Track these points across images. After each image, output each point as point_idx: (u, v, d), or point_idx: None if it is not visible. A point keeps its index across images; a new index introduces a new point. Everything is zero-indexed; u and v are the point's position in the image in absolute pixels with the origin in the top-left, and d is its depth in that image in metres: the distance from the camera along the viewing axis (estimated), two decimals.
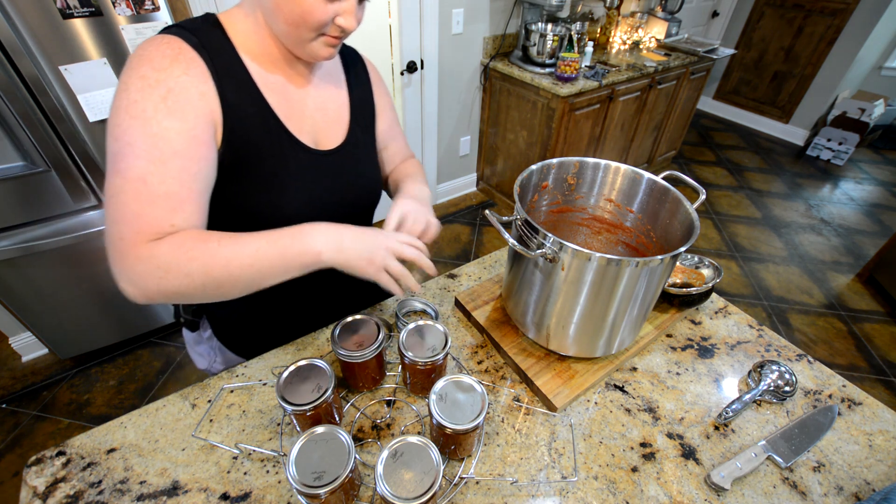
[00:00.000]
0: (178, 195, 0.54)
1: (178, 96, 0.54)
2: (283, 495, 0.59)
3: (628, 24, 2.88)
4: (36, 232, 1.44)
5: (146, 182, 0.52)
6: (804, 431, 0.69)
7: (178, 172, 0.53)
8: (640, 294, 0.65)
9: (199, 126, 0.55)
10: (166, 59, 0.54)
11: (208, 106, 0.57)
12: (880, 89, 3.82)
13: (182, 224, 0.54)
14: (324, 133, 0.73)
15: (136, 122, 0.52)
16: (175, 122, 0.53)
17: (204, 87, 0.57)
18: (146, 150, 0.52)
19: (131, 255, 0.51)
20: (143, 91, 0.53)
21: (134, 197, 0.52)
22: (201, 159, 0.56)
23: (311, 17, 0.56)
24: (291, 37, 0.60)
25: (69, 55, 1.26)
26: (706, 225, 2.90)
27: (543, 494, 0.61)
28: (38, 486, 0.59)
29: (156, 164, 0.52)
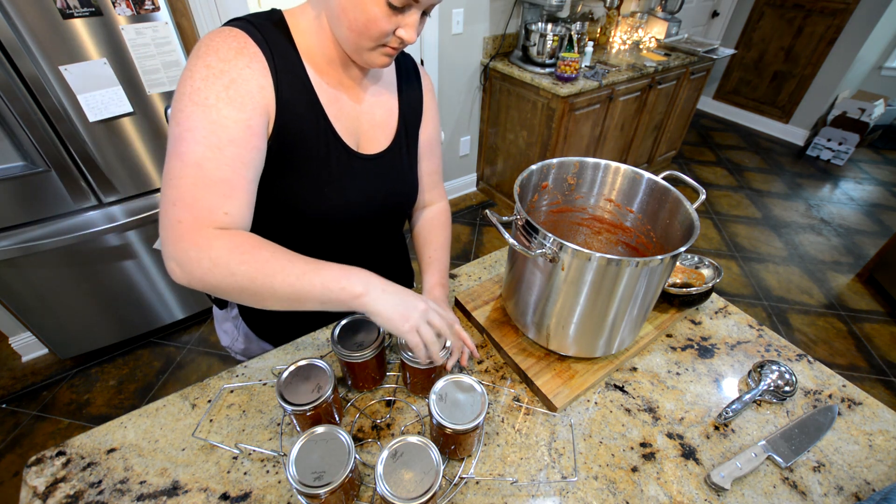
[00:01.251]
0: (231, 182, 0.56)
1: (240, 87, 0.56)
2: (283, 495, 0.59)
3: (628, 24, 2.88)
4: (36, 232, 1.44)
5: (202, 167, 0.54)
6: (804, 431, 0.69)
7: (232, 160, 0.56)
8: (640, 294, 0.65)
9: (255, 117, 0.58)
10: (231, 51, 0.57)
11: (265, 99, 0.59)
12: (880, 89, 3.82)
13: (234, 212, 0.57)
14: (368, 137, 0.74)
15: (197, 109, 0.55)
16: (234, 112, 0.56)
17: (263, 81, 0.59)
18: (205, 136, 0.54)
19: (188, 239, 0.53)
20: (207, 80, 0.55)
21: (192, 181, 0.54)
22: (254, 148, 0.58)
23: (374, 26, 0.57)
24: (352, 43, 0.61)
25: (69, 55, 1.26)
26: (706, 225, 2.90)
27: (543, 494, 0.61)
28: (38, 486, 0.59)
29: (213, 151, 0.55)
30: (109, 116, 1.38)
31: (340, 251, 0.79)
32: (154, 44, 1.36)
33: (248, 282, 0.54)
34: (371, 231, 0.81)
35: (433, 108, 0.85)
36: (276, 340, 0.87)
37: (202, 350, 1.93)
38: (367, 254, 0.84)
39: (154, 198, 1.61)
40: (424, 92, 0.83)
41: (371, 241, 0.84)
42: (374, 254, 0.87)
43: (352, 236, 0.79)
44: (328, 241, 0.76)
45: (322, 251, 0.77)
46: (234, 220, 0.57)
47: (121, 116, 1.41)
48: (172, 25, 1.37)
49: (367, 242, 0.83)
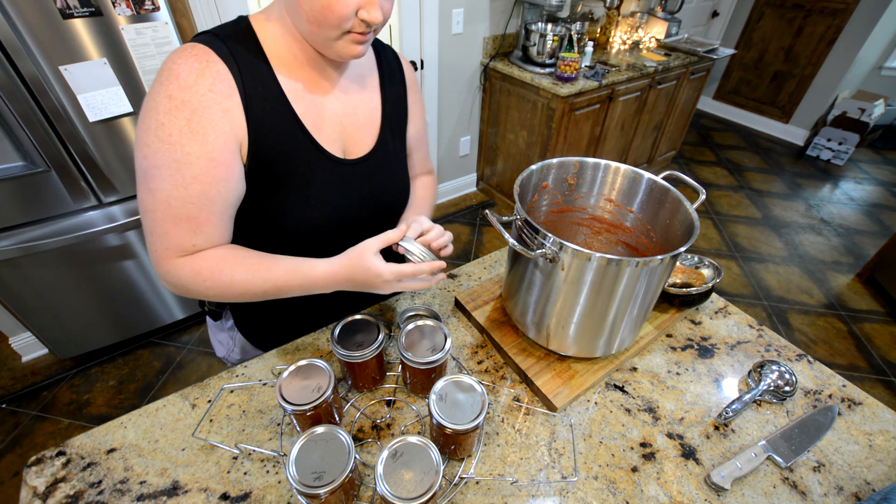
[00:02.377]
0: (198, 219, 0.59)
1: (202, 117, 0.55)
2: (283, 495, 0.59)
3: (628, 24, 2.88)
4: (36, 232, 1.44)
5: (170, 205, 0.57)
6: (804, 431, 0.69)
7: (197, 197, 0.57)
8: (640, 294, 0.65)
9: (217, 147, 0.57)
10: (192, 75, 0.55)
11: (231, 123, 0.58)
12: (880, 89, 3.82)
13: (202, 243, 0.61)
14: (353, 140, 0.72)
15: (163, 147, 0.55)
16: (196, 146, 0.56)
17: (228, 103, 0.57)
18: (170, 175, 0.56)
19: (163, 265, 0.61)
20: (170, 113, 0.54)
21: (161, 216, 0.58)
22: (220, 181, 0.58)
23: (331, 12, 0.54)
24: (316, 36, 0.58)
25: (69, 55, 1.26)
26: (706, 225, 2.90)
27: (543, 494, 0.61)
28: (38, 486, 0.59)
29: (178, 189, 0.56)
30: (109, 116, 1.38)
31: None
32: (154, 44, 1.36)
33: (220, 296, 0.62)
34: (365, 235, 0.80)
35: (418, 100, 0.83)
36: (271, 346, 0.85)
37: (202, 350, 1.93)
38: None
39: None
40: (408, 84, 0.80)
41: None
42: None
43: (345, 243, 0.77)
44: (321, 249, 0.74)
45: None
46: (203, 247, 0.61)
47: (121, 116, 1.41)
48: (172, 25, 1.37)
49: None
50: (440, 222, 2.73)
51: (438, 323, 0.70)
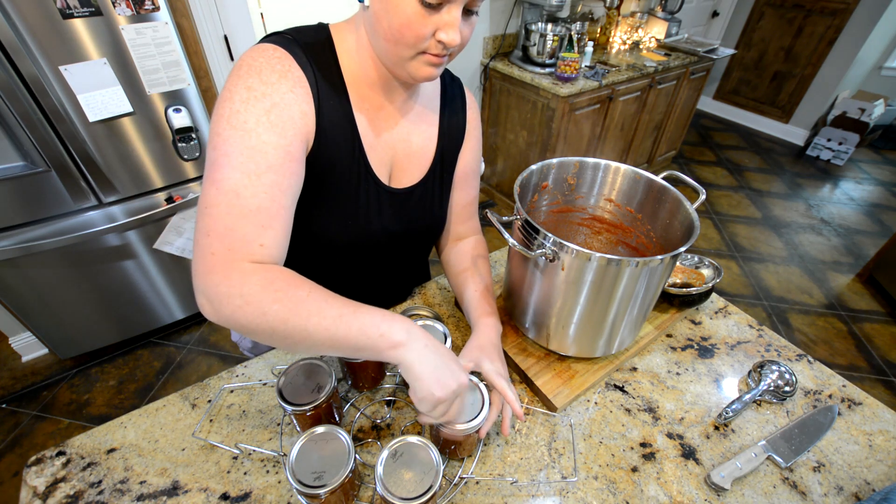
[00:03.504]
0: (269, 210, 0.53)
1: (282, 112, 0.54)
2: (283, 495, 0.59)
3: (628, 24, 2.88)
4: (36, 232, 1.44)
5: (239, 195, 0.51)
6: (804, 431, 0.69)
7: (269, 187, 0.53)
8: (640, 294, 0.65)
9: (295, 143, 0.56)
10: (275, 74, 0.55)
11: (307, 126, 0.57)
12: (880, 89, 3.82)
13: (270, 243, 0.53)
14: (402, 167, 0.72)
15: (236, 133, 0.52)
16: (273, 137, 0.53)
17: (306, 108, 0.57)
18: (242, 163, 0.52)
19: (220, 273, 0.50)
20: (247, 102, 0.53)
21: (227, 210, 0.51)
22: (292, 174, 0.56)
23: (409, 30, 0.52)
24: (391, 55, 0.56)
25: (69, 55, 1.26)
26: (706, 225, 2.90)
27: (543, 494, 0.61)
28: (38, 486, 0.59)
29: (250, 178, 0.52)
30: (109, 116, 1.38)
31: (358, 273, 0.78)
32: (154, 44, 1.36)
33: (280, 323, 0.49)
34: (392, 256, 0.80)
35: (476, 137, 0.80)
36: None
37: (202, 350, 1.93)
38: (385, 275, 0.84)
39: (154, 198, 1.61)
40: (469, 119, 0.78)
41: (392, 265, 0.82)
42: (393, 275, 0.86)
43: (372, 261, 0.77)
44: (347, 264, 0.75)
45: (340, 272, 0.77)
46: (270, 253, 0.53)
47: (121, 116, 1.41)
48: (172, 25, 1.37)
49: (387, 266, 0.81)
50: None
51: (438, 323, 0.70)
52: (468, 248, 0.82)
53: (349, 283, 0.79)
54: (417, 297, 0.92)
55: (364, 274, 0.79)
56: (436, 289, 0.94)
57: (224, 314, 0.50)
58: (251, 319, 0.49)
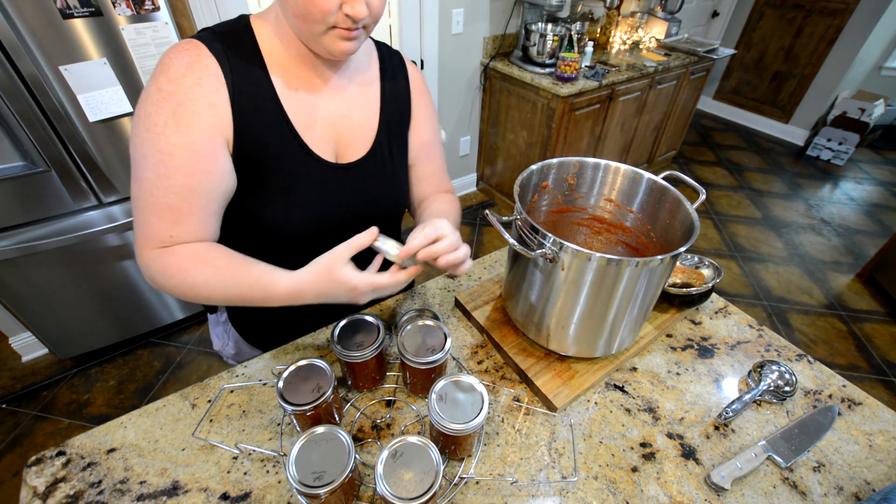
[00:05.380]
0: (179, 209, 0.58)
1: (187, 109, 0.56)
2: (283, 495, 0.59)
3: (628, 24, 2.88)
4: (36, 232, 1.44)
5: (153, 194, 0.58)
6: (804, 431, 0.69)
7: (179, 188, 0.57)
8: (640, 294, 0.65)
9: (201, 139, 0.57)
10: (182, 67, 0.56)
11: (216, 117, 0.58)
12: (880, 89, 3.82)
13: (182, 235, 0.60)
14: (346, 142, 0.71)
15: (148, 136, 0.56)
16: (179, 138, 0.56)
17: (214, 98, 0.58)
18: (154, 165, 0.57)
19: (143, 255, 0.61)
20: (157, 104, 0.56)
21: (144, 206, 0.58)
22: (203, 173, 0.58)
23: (313, 5, 0.53)
24: (304, 32, 0.58)
25: (69, 55, 1.26)
26: (706, 225, 2.90)
27: (543, 494, 0.61)
28: (38, 486, 0.59)
29: (161, 179, 0.57)
30: (109, 116, 1.38)
31: None
32: (154, 44, 1.36)
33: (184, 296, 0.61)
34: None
35: (426, 106, 0.79)
36: (266, 346, 0.85)
37: (202, 350, 1.93)
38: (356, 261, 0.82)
39: None
40: (413, 88, 0.77)
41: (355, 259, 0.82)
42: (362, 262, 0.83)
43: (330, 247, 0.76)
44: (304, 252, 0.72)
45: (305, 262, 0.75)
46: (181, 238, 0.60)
47: (121, 116, 1.41)
48: (172, 25, 1.37)
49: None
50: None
51: (438, 323, 0.70)
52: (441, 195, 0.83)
53: None
54: (417, 297, 0.92)
55: None
56: (436, 289, 0.94)
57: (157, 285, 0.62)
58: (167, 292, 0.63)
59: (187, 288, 0.60)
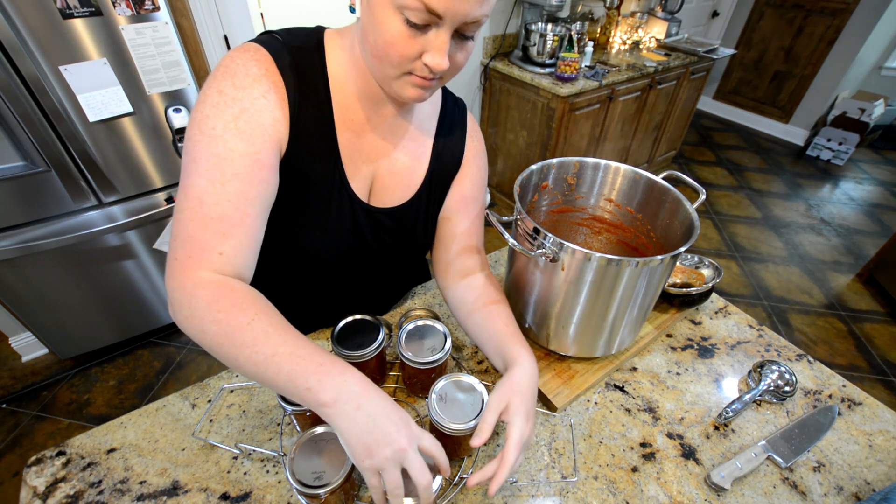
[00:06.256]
0: (231, 219, 0.52)
1: (251, 118, 0.53)
2: (283, 495, 0.59)
3: (628, 24, 2.88)
4: (36, 232, 1.44)
5: (202, 202, 0.51)
6: (804, 431, 0.69)
7: (234, 195, 0.52)
8: (640, 294, 0.65)
9: (265, 150, 0.54)
10: (249, 77, 0.53)
11: (278, 133, 0.56)
12: (880, 89, 3.82)
13: (230, 251, 0.52)
14: (382, 185, 0.68)
15: (204, 139, 0.52)
16: (241, 144, 0.52)
17: (278, 114, 0.55)
18: (208, 170, 0.51)
19: (178, 278, 0.51)
20: (217, 107, 0.52)
21: (190, 217, 0.51)
22: (261, 182, 0.54)
23: (393, 49, 0.49)
24: (376, 71, 0.54)
25: (69, 55, 1.26)
26: (706, 225, 2.90)
27: (543, 494, 0.61)
28: (38, 486, 0.59)
29: (214, 185, 0.51)
30: (109, 116, 1.38)
31: (347, 282, 0.77)
32: (154, 44, 1.36)
33: (217, 346, 0.48)
34: (378, 270, 0.78)
35: (478, 167, 0.74)
36: None
37: (202, 350, 1.93)
38: (376, 283, 0.83)
39: (154, 197, 1.61)
40: (468, 147, 0.73)
41: (381, 275, 0.81)
42: (384, 283, 0.84)
43: (358, 272, 0.76)
44: (333, 274, 0.74)
45: (328, 281, 0.76)
46: (231, 262, 0.52)
47: (121, 116, 1.41)
48: (172, 25, 1.37)
49: (376, 276, 0.80)
50: None
51: (438, 323, 0.70)
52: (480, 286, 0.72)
53: (338, 291, 0.79)
54: (417, 296, 0.92)
55: (353, 283, 0.78)
56: (436, 289, 0.94)
57: (178, 320, 0.51)
58: (194, 334, 0.49)
59: (230, 331, 0.48)
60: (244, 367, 0.48)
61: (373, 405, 0.47)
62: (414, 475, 0.47)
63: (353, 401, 0.46)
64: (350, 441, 0.46)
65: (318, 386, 0.46)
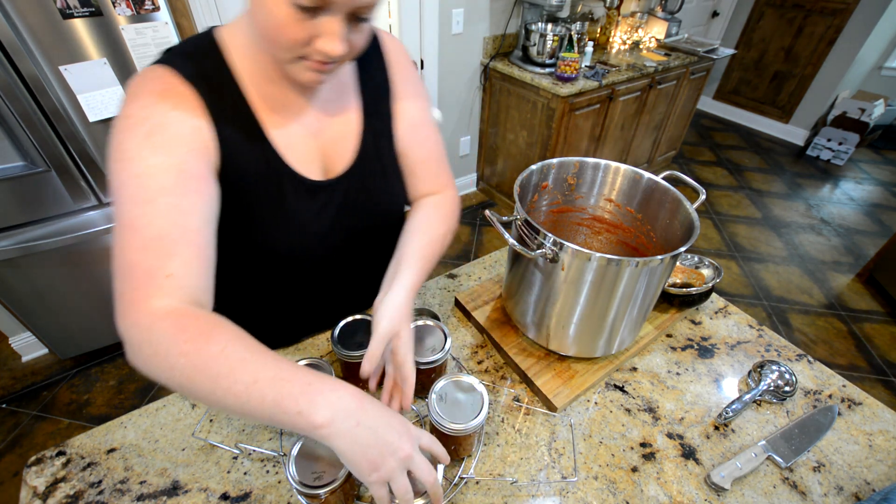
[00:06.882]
0: (170, 235, 0.47)
1: (166, 131, 0.50)
2: (283, 495, 0.59)
3: (628, 24, 2.88)
4: (36, 232, 1.44)
5: (135, 227, 0.47)
6: (804, 431, 0.69)
7: (167, 211, 0.47)
8: (640, 294, 0.65)
9: (190, 160, 0.50)
10: (153, 96, 0.51)
11: (202, 141, 0.53)
12: (880, 89, 3.82)
13: (179, 270, 0.47)
14: (332, 154, 0.65)
15: (120, 166, 0.49)
16: (160, 158, 0.48)
17: (197, 122, 0.52)
18: (132, 194, 0.48)
19: (130, 316, 0.45)
20: (127, 131, 0.49)
21: (127, 245, 0.47)
22: (194, 193, 0.50)
23: (282, 34, 0.47)
24: (271, 55, 0.52)
25: (69, 55, 1.26)
26: (706, 225, 2.90)
27: (543, 494, 0.61)
28: (38, 486, 0.59)
29: (142, 206, 0.47)
30: (109, 116, 1.38)
31: (322, 280, 0.75)
32: (154, 44, 1.36)
33: (187, 381, 0.43)
34: (355, 253, 0.74)
35: (408, 80, 0.69)
36: None
37: None
38: (355, 274, 0.79)
39: None
40: (390, 61, 0.68)
41: (358, 262, 0.77)
42: (363, 272, 0.79)
43: (330, 267, 0.73)
44: (308, 273, 0.71)
45: (299, 284, 0.72)
46: (182, 283, 0.46)
47: None
48: (172, 25, 1.37)
49: (352, 264, 0.76)
50: None
51: (438, 323, 0.70)
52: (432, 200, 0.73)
53: (323, 288, 0.77)
54: (418, 297, 0.92)
55: (335, 274, 0.75)
56: (436, 289, 0.94)
57: (140, 361, 0.45)
58: (161, 373, 0.44)
59: (201, 363, 0.43)
60: (223, 400, 0.43)
61: (371, 418, 0.45)
62: (421, 476, 0.46)
63: (352, 417, 0.43)
64: (354, 459, 0.43)
65: (309, 407, 0.42)
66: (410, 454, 0.45)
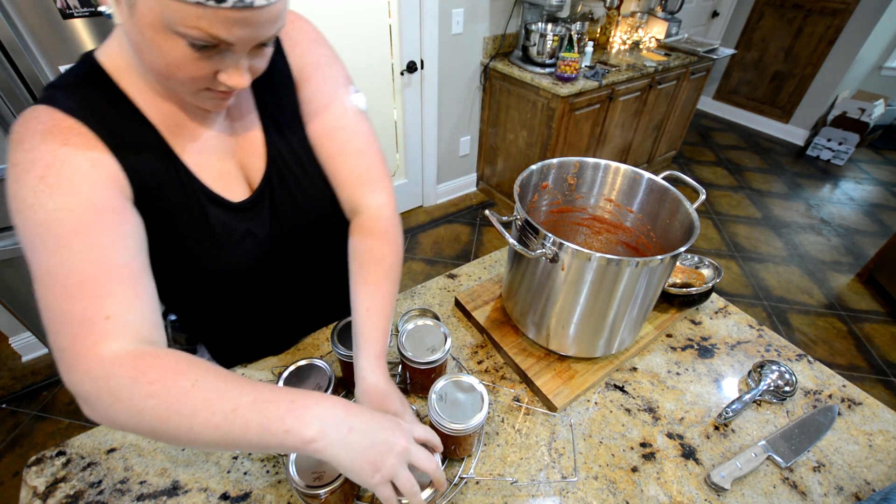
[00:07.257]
0: (96, 277, 0.43)
1: (61, 170, 0.45)
2: (283, 495, 0.59)
3: (628, 24, 2.88)
4: None
5: (55, 275, 0.43)
6: (804, 431, 0.69)
7: (84, 252, 0.43)
8: (640, 294, 0.65)
9: (97, 194, 0.46)
10: (37, 137, 0.45)
11: (106, 171, 0.48)
12: (880, 89, 3.82)
13: (117, 310, 0.43)
14: (249, 166, 0.61)
15: (22, 217, 0.44)
16: (62, 200, 0.44)
17: (94, 154, 0.47)
18: (41, 243, 0.44)
19: (78, 369, 0.42)
20: (18, 180, 0.44)
21: (52, 296, 0.43)
22: (111, 226, 0.46)
23: (180, 72, 0.44)
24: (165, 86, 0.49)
25: (69, 55, 1.25)
26: (706, 225, 2.90)
27: (543, 494, 0.61)
28: (38, 486, 0.59)
29: (56, 253, 0.43)
30: None
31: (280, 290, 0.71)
32: None
33: (161, 422, 0.40)
34: (302, 258, 0.70)
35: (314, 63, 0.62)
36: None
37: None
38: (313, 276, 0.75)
39: None
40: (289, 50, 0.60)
41: (310, 264, 0.73)
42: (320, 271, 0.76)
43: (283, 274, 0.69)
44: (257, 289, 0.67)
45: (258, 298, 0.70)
46: (124, 323, 0.44)
47: None
48: None
49: (304, 268, 0.72)
50: (440, 224, 2.73)
51: (438, 323, 0.70)
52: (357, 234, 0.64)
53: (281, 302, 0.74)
54: (418, 296, 0.92)
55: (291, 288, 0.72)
56: (436, 289, 0.94)
57: (99, 415, 0.42)
58: (127, 420, 0.41)
59: (173, 400, 0.40)
60: (201, 435, 0.41)
61: (362, 422, 0.45)
62: (422, 465, 0.46)
63: (343, 425, 0.43)
64: (354, 465, 0.43)
65: (298, 424, 0.41)
66: (407, 447, 0.46)
